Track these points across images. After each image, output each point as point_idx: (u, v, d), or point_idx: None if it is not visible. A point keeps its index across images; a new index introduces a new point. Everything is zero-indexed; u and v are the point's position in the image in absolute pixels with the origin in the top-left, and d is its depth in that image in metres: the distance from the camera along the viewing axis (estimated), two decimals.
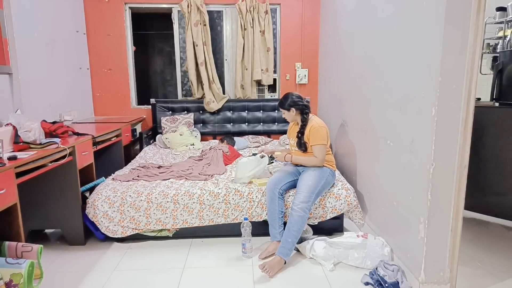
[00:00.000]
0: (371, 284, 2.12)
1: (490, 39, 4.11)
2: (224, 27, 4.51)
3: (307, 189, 2.42)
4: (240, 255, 2.46)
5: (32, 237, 2.72)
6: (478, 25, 1.72)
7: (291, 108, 2.59)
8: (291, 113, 2.61)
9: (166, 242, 2.69)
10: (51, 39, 3.45)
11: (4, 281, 1.67)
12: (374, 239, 2.36)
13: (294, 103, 2.59)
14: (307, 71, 4.57)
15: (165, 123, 4.23)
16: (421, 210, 1.97)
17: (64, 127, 2.74)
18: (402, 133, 2.21)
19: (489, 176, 2.82)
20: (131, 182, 2.76)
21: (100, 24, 4.29)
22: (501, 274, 2.23)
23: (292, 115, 2.62)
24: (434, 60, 1.83)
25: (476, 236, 2.76)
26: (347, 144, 3.33)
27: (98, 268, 2.34)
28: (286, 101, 2.60)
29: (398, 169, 2.27)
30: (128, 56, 4.44)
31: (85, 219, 2.58)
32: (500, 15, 3.85)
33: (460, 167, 1.85)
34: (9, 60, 2.83)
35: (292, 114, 2.61)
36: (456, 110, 1.81)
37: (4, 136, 2.15)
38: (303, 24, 4.48)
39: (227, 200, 2.59)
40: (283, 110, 2.66)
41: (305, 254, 2.43)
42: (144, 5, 4.38)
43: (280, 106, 2.66)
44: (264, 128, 4.47)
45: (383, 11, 2.50)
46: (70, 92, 3.85)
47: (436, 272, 1.97)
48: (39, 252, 1.83)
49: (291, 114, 2.62)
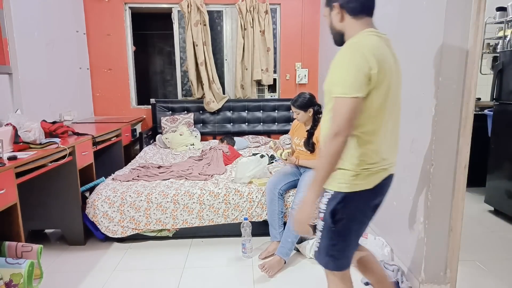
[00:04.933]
0: (371, 284, 2.11)
1: (490, 39, 4.11)
2: (224, 27, 4.51)
3: None
4: (240, 255, 2.46)
5: (32, 237, 2.72)
6: (478, 25, 1.72)
7: (309, 109, 2.49)
8: (307, 114, 2.50)
9: (166, 242, 2.69)
10: (51, 39, 3.44)
11: (4, 281, 1.67)
12: (374, 239, 2.36)
13: (313, 104, 2.50)
14: (307, 71, 4.56)
15: (165, 123, 4.23)
16: (421, 210, 1.97)
17: (64, 127, 2.74)
18: (402, 133, 2.20)
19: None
20: (131, 182, 2.76)
21: (100, 24, 4.28)
22: (501, 274, 2.23)
23: (308, 115, 2.51)
24: (434, 60, 1.83)
25: (476, 236, 2.76)
26: None
27: (98, 268, 2.34)
28: (304, 102, 2.48)
29: (398, 169, 2.27)
30: (128, 56, 4.44)
31: (85, 219, 2.58)
32: (500, 15, 3.85)
33: (460, 167, 1.85)
34: (9, 60, 2.83)
35: (308, 114, 2.50)
36: (456, 110, 1.81)
37: (4, 136, 2.15)
38: (303, 24, 4.48)
39: (227, 200, 2.59)
40: (298, 110, 2.51)
41: (305, 254, 2.43)
42: (144, 5, 4.38)
43: (298, 107, 2.50)
44: (264, 128, 4.47)
45: (383, 11, 2.50)
46: (70, 92, 3.85)
47: (436, 272, 1.97)
48: (39, 252, 1.83)
49: (307, 115, 2.50)
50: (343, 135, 1.15)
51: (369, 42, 1.21)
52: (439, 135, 1.83)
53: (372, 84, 1.17)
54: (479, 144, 2.73)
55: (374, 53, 1.18)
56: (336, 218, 1.29)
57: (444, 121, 1.82)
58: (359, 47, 1.19)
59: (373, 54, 1.17)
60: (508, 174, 2.98)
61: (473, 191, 3.61)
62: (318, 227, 1.37)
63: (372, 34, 1.25)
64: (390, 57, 1.26)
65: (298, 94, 2.56)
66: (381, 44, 1.24)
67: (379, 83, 1.19)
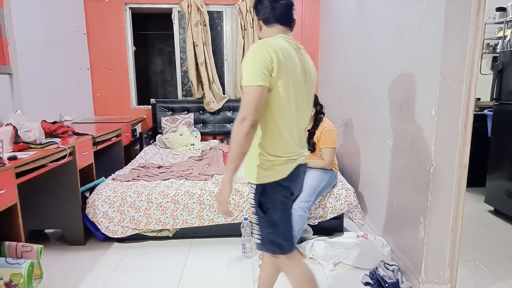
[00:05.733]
0: (371, 284, 2.11)
1: (490, 39, 4.11)
2: (224, 27, 4.51)
3: (308, 189, 2.42)
4: (240, 255, 2.46)
5: (32, 237, 2.72)
6: (478, 25, 1.72)
7: (313, 108, 2.47)
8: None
9: (166, 242, 2.69)
10: (51, 39, 3.45)
11: (4, 281, 1.67)
12: (374, 239, 2.36)
13: (316, 103, 2.48)
14: None
15: (165, 123, 4.23)
16: (421, 210, 1.97)
17: (64, 127, 2.74)
18: (402, 133, 2.21)
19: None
20: (131, 182, 2.76)
21: (100, 24, 4.28)
22: (501, 274, 2.23)
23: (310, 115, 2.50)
24: (434, 60, 1.83)
25: (476, 236, 2.77)
26: (347, 144, 3.33)
27: (98, 268, 2.34)
28: None
29: (398, 169, 2.27)
30: (128, 56, 4.44)
31: (85, 219, 2.58)
32: (500, 15, 3.86)
33: (460, 167, 1.84)
34: (9, 60, 2.83)
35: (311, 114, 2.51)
36: (456, 110, 1.81)
37: (4, 136, 2.15)
38: (303, 24, 4.48)
39: None
40: None
41: (305, 254, 2.43)
42: (144, 5, 4.38)
43: None
44: None
45: (383, 11, 2.50)
46: (70, 92, 3.85)
47: (436, 272, 1.97)
48: (39, 252, 1.83)
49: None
50: (249, 119, 1.30)
51: (273, 41, 1.38)
52: (439, 135, 1.83)
53: (274, 76, 1.34)
54: (479, 144, 2.74)
55: (276, 50, 1.34)
56: (264, 209, 1.44)
57: (444, 121, 1.82)
58: (264, 44, 1.36)
59: (275, 50, 1.34)
60: (508, 174, 2.99)
61: (473, 191, 3.61)
62: (253, 221, 1.51)
63: (281, 38, 1.43)
64: (296, 60, 1.43)
65: None
66: (286, 46, 1.41)
67: (281, 76, 1.35)
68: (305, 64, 1.47)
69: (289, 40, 1.45)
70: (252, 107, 1.30)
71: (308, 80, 1.48)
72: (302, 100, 1.47)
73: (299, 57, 1.44)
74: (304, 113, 1.52)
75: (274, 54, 1.32)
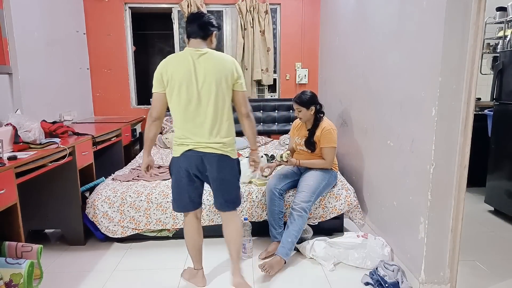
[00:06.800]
0: (371, 284, 2.11)
1: (490, 39, 4.11)
2: (224, 27, 4.51)
3: (308, 189, 2.42)
4: (240, 255, 2.45)
5: (32, 237, 2.72)
6: (478, 25, 1.72)
7: (311, 107, 2.49)
8: (309, 112, 2.49)
9: (166, 242, 2.69)
10: (51, 39, 3.44)
11: (4, 281, 1.67)
12: (374, 239, 2.36)
13: (315, 102, 2.50)
14: (307, 71, 4.56)
15: (165, 123, 4.22)
16: (421, 210, 1.97)
17: (64, 127, 2.74)
18: (402, 133, 2.21)
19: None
20: (131, 182, 2.76)
21: (100, 24, 4.28)
22: (501, 274, 2.23)
23: (310, 114, 2.50)
24: (434, 60, 1.83)
25: (476, 236, 2.76)
26: (347, 144, 3.33)
27: (98, 268, 2.34)
28: (307, 99, 2.48)
29: (398, 169, 2.27)
30: (128, 56, 4.44)
31: (85, 219, 2.58)
32: (500, 15, 3.86)
33: (460, 167, 1.84)
34: (9, 60, 2.83)
35: (310, 113, 2.50)
36: (456, 110, 1.81)
37: (4, 136, 2.15)
38: (303, 24, 4.48)
39: None
40: (300, 108, 2.50)
41: (305, 254, 2.43)
42: (144, 5, 4.38)
43: (300, 104, 2.49)
44: (264, 128, 4.47)
45: (383, 11, 2.50)
46: (70, 92, 3.85)
47: (436, 272, 1.97)
48: (39, 252, 1.83)
49: (309, 113, 2.50)
50: (150, 117, 1.93)
51: (170, 56, 1.90)
52: (439, 135, 1.83)
53: (164, 84, 1.85)
54: (479, 144, 2.74)
55: (168, 63, 1.86)
56: (170, 172, 2.02)
57: (444, 121, 1.82)
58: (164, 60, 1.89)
59: (167, 63, 1.86)
60: (508, 174, 2.99)
61: (473, 191, 3.61)
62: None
63: (185, 50, 1.87)
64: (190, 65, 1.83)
65: (301, 91, 2.57)
66: (181, 57, 1.86)
67: (169, 84, 1.84)
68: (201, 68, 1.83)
69: (191, 49, 1.86)
70: (151, 108, 1.91)
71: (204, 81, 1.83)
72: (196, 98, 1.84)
73: (195, 63, 1.83)
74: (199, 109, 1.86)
75: (165, 68, 1.84)
